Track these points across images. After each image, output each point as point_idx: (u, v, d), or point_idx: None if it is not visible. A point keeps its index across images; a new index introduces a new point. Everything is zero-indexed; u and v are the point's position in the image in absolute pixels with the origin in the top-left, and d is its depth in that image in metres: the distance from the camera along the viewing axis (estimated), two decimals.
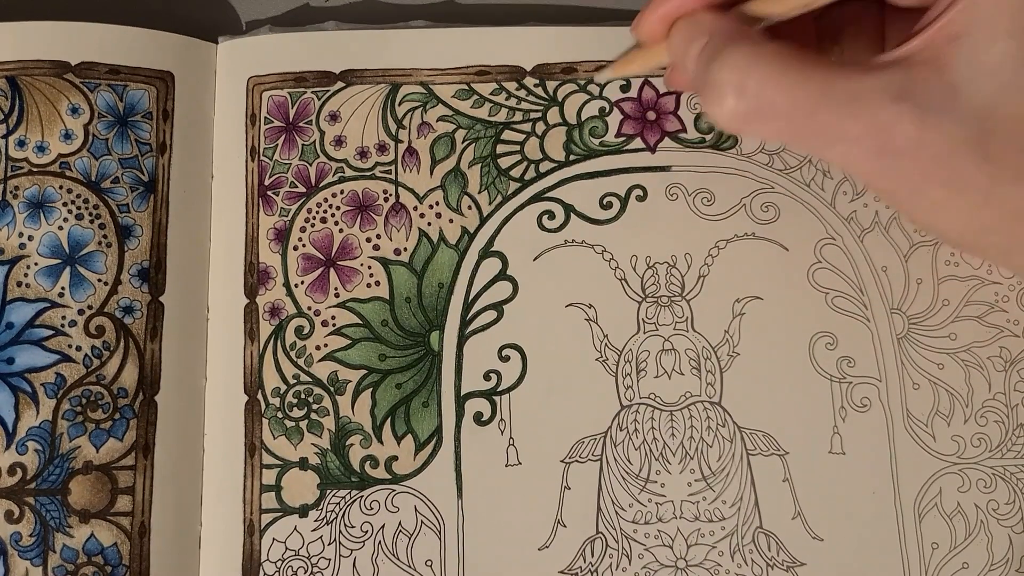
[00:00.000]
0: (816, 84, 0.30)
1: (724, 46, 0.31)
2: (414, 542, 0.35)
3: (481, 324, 0.37)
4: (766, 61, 0.30)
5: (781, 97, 0.30)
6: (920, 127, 0.29)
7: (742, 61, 0.31)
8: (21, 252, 0.37)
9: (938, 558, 0.35)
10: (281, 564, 0.35)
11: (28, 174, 0.37)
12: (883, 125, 0.29)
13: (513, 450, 0.36)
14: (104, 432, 0.36)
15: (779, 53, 0.31)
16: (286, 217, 0.38)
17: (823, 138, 0.31)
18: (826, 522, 0.35)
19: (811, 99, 0.30)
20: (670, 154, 0.39)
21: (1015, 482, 0.36)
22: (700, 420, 0.36)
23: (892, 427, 0.36)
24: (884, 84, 0.29)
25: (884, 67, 0.30)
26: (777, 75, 0.30)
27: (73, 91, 0.38)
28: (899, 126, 0.29)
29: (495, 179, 0.39)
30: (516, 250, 0.38)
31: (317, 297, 0.38)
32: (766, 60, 0.30)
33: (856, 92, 0.29)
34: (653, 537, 0.36)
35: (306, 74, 0.40)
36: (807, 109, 0.30)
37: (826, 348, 0.37)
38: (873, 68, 0.30)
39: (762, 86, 0.30)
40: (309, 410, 0.37)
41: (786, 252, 0.38)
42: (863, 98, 0.29)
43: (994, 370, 0.37)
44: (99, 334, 0.36)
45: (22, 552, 0.34)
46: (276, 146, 0.39)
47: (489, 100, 0.39)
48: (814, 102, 0.30)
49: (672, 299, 0.37)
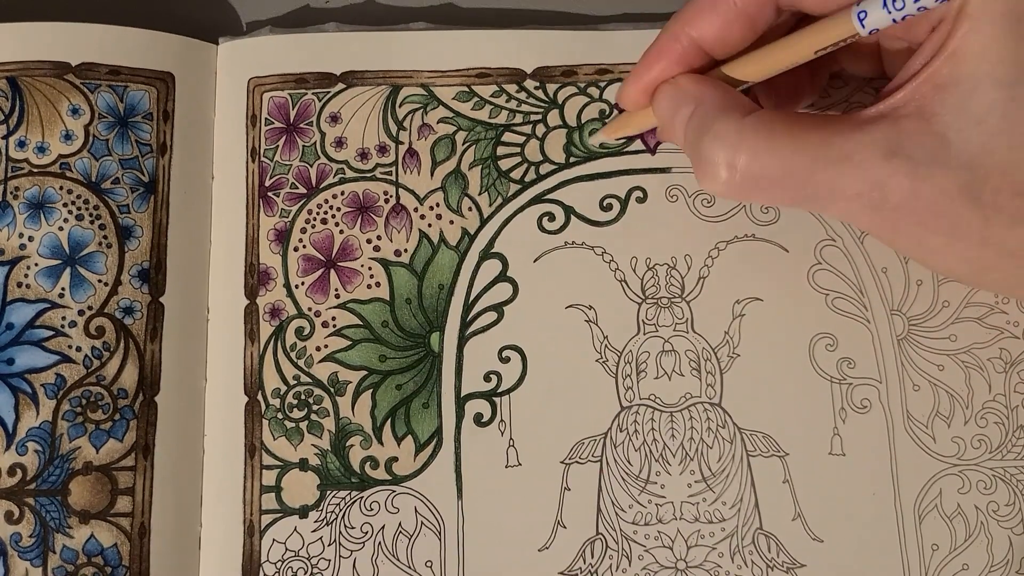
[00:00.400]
0: (807, 149, 0.30)
1: (713, 119, 0.31)
2: (414, 543, 0.35)
3: (481, 325, 0.37)
4: (753, 132, 0.31)
5: (772, 167, 0.31)
6: (913, 180, 0.29)
7: (732, 135, 0.31)
8: (21, 253, 0.37)
9: (938, 559, 0.35)
10: (281, 565, 0.35)
11: (28, 175, 0.37)
12: (877, 182, 0.30)
13: (513, 451, 0.36)
14: (104, 433, 0.36)
15: (765, 121, 0.31)
16: (287, 218, 0.38)
17: (819, 199, 0.31)
18: (826, 523, 0.35)
19: (804, 164, 0.30)
20: (670, 156, 0.39)
21: (1015, 483, 0.36)
22: (700, 421, 0.36)
23: (892, 428, 0.36)
24: (873, 140, 0.30)
25: (872, 121, 0.30)
26: (767, 145, 0.31)
27: (73, 92, 0.38)
28: (893, 181, 0.29)
29: (495, 181, 0.39)
30: (516, 252, 0.38)
31: (317, 298, 0.38)
32: (753, 131, 0.31)
33: (847, 152, 0.30)
34: (653, 538, 0.36)
35: (307, 75, 0.40)
36: (800, 174, 0.30)
37: (826, 349, 0.37)
38: (862, 124, 0.30)
39: (753, 159, 0.31)
40: (309, 411, 0.37)
41: (786, 253, 0.38)
42: (855, 157, 0.30)
43: (994, 371, 0.37)
44: (99, 335, 0.36)
45: (22, 553, 0.34)
46: (277, 147, 0.39)
47: (489, 102, 0.39)
48: (807, 166, 0.30)
49: (672, 300, 0.38)
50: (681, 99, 0.33)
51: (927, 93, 0.29)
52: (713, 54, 0.33)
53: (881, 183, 0.30)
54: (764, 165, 0.30)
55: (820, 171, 0.30)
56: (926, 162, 0.29)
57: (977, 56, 0.29)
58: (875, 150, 0.30)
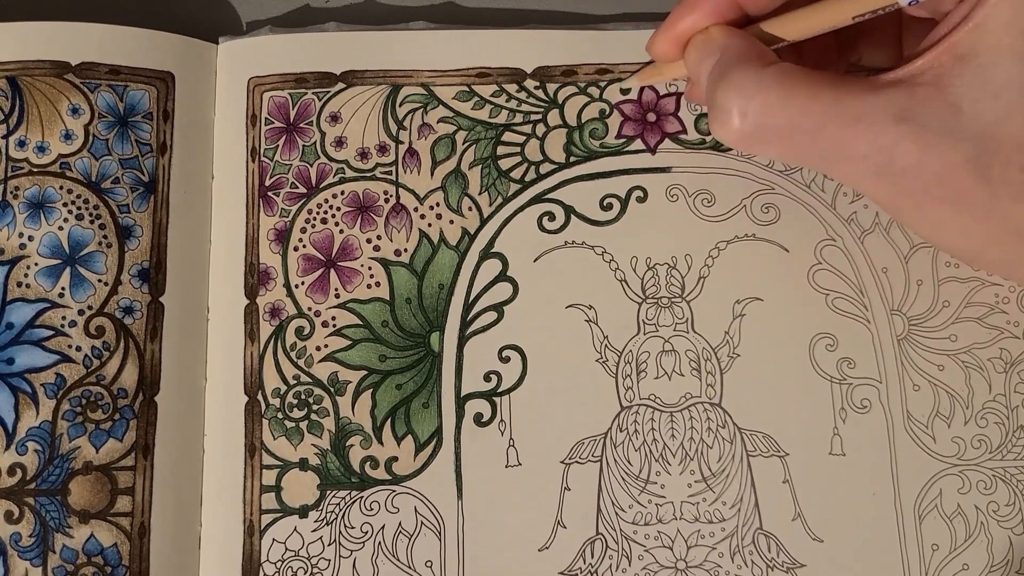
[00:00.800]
0: (820, 105, 0.30)
1: (731, 67, 0.31)
2: (414, 543, 0.35)
3: (481, 325, 0.37)
4: (770, 83, 0.31)
5: (783, 120, 0.30)
6: (921, 148, 0.29)
7: (746, 84, 0.31)
8: (21, 252, 0.37)
9: (938, 560, 0.35)
10: (281, 565, 0.35)
11: (28, 174, 0.37)
12: (885, 145, 0.29)
13: (513, 451, 0.36)
14: (104, 432, 0.36)
15: (784, 74, 0.31)
16: (286, 218, 0.38)
17: (827, 158, 0.31)
18: (826, 523, 0.35)
19: (814, 120, 0.30)
20: (670, 155, 0.39)
21: (1015, 484, 0.36)
22: (700, 421, 0.36)
23: (892, 428, 0.36)
24: (886, 104, 0.29)
25: (888, 86, 0.30)
26: (780, 97, 0.30)
27: (73, 91, 0.38)
28: (901, 146, 0.29)
29: (495, 180, 0.39)
30: (516, 251, 0.38)
31: (317, 298, 0.38)
32: (770, 82, 0.31)
33: (859, 112, 0.30)
34: (653, 538, 0.36)
35: (307, 75, 0.40)
36: (809, 131, 0.30)
37: (826, 349, 0.37)
38: (877, 87, 0.30)
39: (764, 109, 0.30)
40: (309, 411, 0.37)
41: (786, 253, 0.38)
42: (866, 118, 0.30)
43: (994, 371, 0.37)
44: (99, 334, 0.36)
45: (22, 552, 0.34)
46: (277, 147, 0.39)
47: (490, 102, 0.39)
48: (817, 123, 0.30)
49: (672, 300, 0.38)
50: (709, 49, 0.33)
51: (946, 63, 0.29)
52: (746, 8, 0.33)
53: (889, 147, 0.29)
54: (776, 116, 0.30)
55: (830, 128, 0.30)
56: (936, 131, 0.29)
57: (1001, 29, 0.28)
58: (886, 113, 0.29)
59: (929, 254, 0.38)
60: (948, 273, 0.37)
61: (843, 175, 0.32)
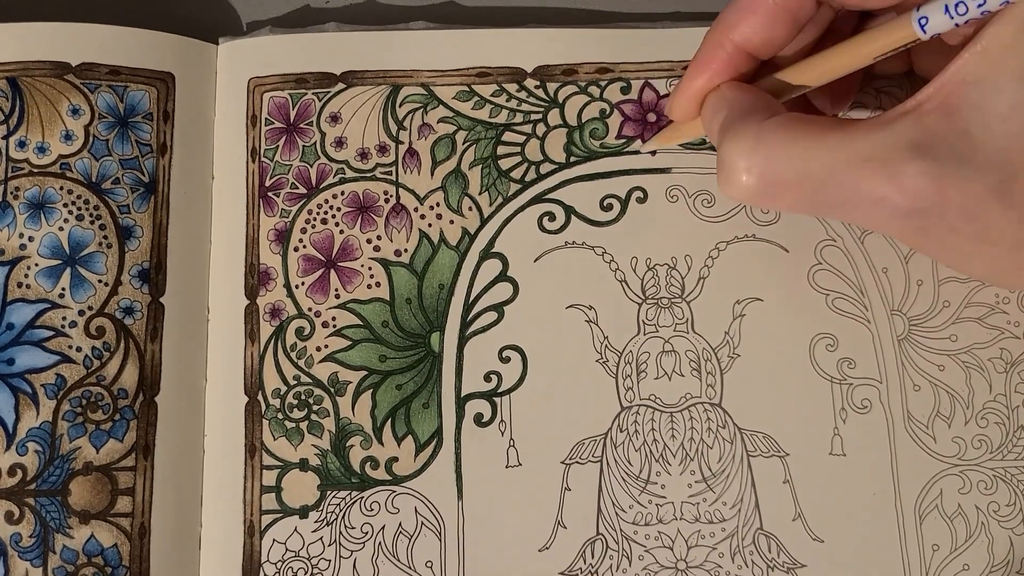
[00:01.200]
0: (825, 149, 0.29)
1: (733, 123, 0.31)
2: (414, 543, 0.35)
3: (481, 325, 0.37)
4: (772, 134, 0.30)
5: (789, 169, 0.30)
6: (940, 184, 0.28)
7: (750, 138, 0.30)
8: (21, 253, 0.37)
9: (939, 560, 0.35)
10: (281, 565, 0.35)
11: (29, 175, 0.37)
12: (902, 185, 0.28)
13: (513, 451, 0.36)
14: (104, 433, 0.36)
15: (786, 123, 0.30)
16: (287, 218, 0.38)
17: (843, 205, 0.30)
18: (826, 524, 0.35)
19: (821, 166, 0.29)
20: (671, 156, 0.39)
21: (1016, 484, 0.36)
22: (700, 421, 0.36)
23: (893, 429, 0.36)
24: (896, 139, 0.29)
25: (896, 120, 0.29)
26: (784, 147, 0.30)
27: (74, 92, 0.38)
28: (919, 184, 0.28)
29: (496, 180, 0.39)
30: (517, 251, 0.38)
31: (318, 298, 0.38)
32: (772, 133, 0.30)
33: (869, 153, 0.29)
34: (653, 538, 0.36)
35: (307, 75, 0.40)
36: (818, 177, 0.29)
37: (826, 349, 0.37)
38: (884, 123, 0.29)
39: (768, 161, 0.30)
40: (309, 411, 0.37)
41: (786, 254, 0.38)
42: (877, 158, 0.29)
43: (995, 372, 0.37)
44: (99, 335, 0.36)
45: (22, 553, 0.34)
46: (277, 147, 0.39)
47: (490, 102, 0.39)
48: (825, 169, 0.29)
49: (672, 300, 0.37)
50: (719, 106, 0.32)
51: (953, 89, 0.29)
52: (759, 55, 0.33)
53: (906, 186, 0.28)
54: (781, 167, 0.30)
55: (840, 173, 0.29)
56: (952, 161, 0.28)
57: (1004, 52, 0.28)
58: (898, 151, 0.28)
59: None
60: (948, 273, 0.37)
61: (864, 220, 0.31)
